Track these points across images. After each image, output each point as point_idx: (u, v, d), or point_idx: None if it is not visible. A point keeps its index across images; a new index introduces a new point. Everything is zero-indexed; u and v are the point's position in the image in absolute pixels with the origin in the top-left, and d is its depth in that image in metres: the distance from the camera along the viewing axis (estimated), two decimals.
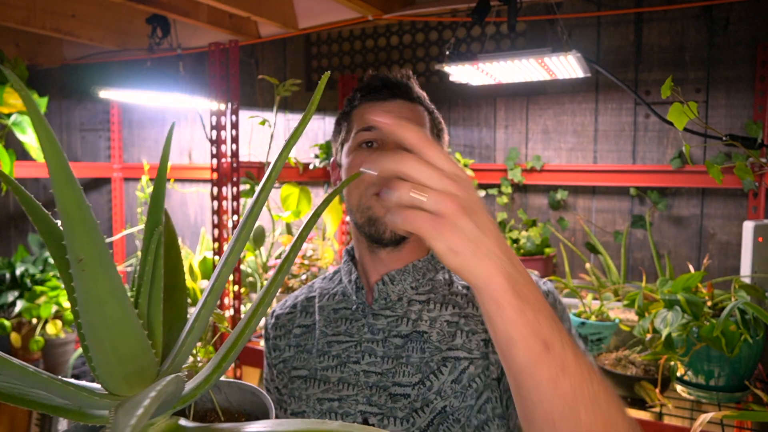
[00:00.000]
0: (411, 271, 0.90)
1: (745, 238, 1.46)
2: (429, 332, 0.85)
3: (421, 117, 0.91)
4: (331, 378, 0.87)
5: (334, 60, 2.51)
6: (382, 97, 0.91)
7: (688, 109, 1.16)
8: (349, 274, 0.95)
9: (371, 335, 0.87)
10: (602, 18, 1.97)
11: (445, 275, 0.92)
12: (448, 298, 0.89)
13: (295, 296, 1.03)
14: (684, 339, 1.30)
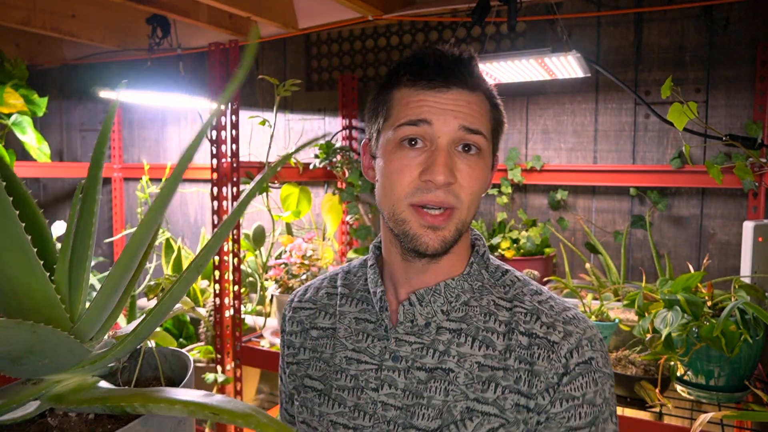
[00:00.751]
0: (442, 291, 0.78)
1: (745, 238, 1.46)
2: (456, 372, 0.74)
3: (481, 111, 0.75)
4: (347, 401, 0.79)
5: (334, 60, 2.51)
6: (435, 85, 0.73)
7: (688, 109, 1.16)
8: (374, 284, 0.83)
9: (393, 363, 0.77)
10: (602, 18, 1.97)
11: (488, 304, 0.78)
12: (483, 335, 0.76)
13: (316, 288, 0.92)
14: (684, 339, 1.30)
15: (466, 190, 0.73)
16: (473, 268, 0.80)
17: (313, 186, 2.56)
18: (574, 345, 0.73)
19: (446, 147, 0.72)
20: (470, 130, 0.73)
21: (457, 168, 0.73)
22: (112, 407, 0.40)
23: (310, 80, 2.59)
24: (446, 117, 0.72)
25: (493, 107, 0.78)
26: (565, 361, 0.72)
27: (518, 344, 0.74)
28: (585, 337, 0.74)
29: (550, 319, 0.76)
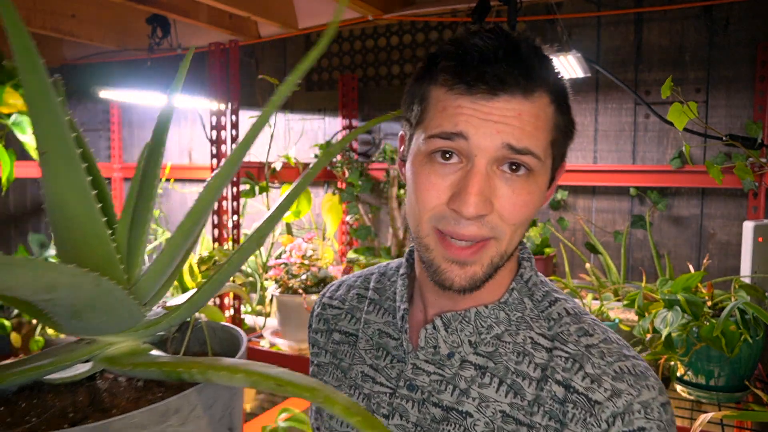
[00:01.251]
0: (472, 319, 0.66)
1: (745, 238, 1.46)
2: (475, 417, 0.62)
3: (538, 123, 0.59)
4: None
5: (334, 60, 2.51)
6: (476, 91, 0.58)
7: (688, 109, 1.16)
8: (400, 299, 0.72)
9: (407, 392, 0.67)
10: (602, 18, 1.97)
11: (525, 342, 0.65)
12: (512, 379, 0.63)
13: (349, 286, 0.83)
14: (684, 339, 1.30)
15: (509, 221, 0.60)
16: (513, 295, 0.67)
17: (313, 186, 2.56)
18: (621, 410, 0.58)
19: (484, 168, 0.59)
20: (516, 149, 0.58)
21: (497, 194, 0.59)
22: (168, 373, 0.38)
23: (310, 80, 2.59)
24: (488, 130, 0.58)
25: (559, 112, 0.62)
26: (606, 426, 0.58)
27: (550, 396, 0.61)
28: (639, 400, 0.58)
29: (597, 370, 0.60)
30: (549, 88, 0.61)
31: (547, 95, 0.60)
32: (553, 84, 0.61)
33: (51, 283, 0.34)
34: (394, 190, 2.16)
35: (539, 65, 0.60)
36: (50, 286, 0.34)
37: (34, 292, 0.34)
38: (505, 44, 0.59)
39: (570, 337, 0.64)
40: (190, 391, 0.39)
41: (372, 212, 2.37)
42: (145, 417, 0.36)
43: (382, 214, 2.40)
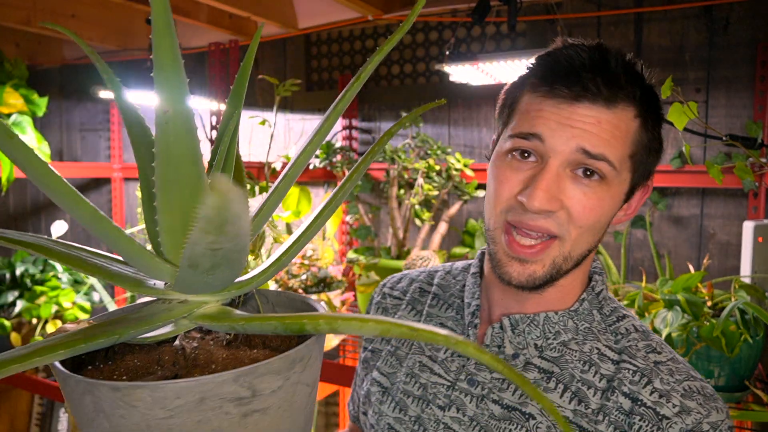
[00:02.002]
0: (541, 323, 0.67)
1: (745, 238, 1.46)
2: (538, 420, 0.64)
3: (617, 133, 0.61)
4: (409, 409, 0.72)
5: (334, 60, 2.51)
6: (559, 94, 0.61)
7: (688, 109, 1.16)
8: (470, 295, 0.74)
9: (467, 386, 0.68)
10: (602, 18, 1.97)
11: (591, 351, 0.66)
12: (577, 386, 0.64)
13: (411, 279, 0.85)
14: (684, 339, 1.30)
15: (576, 222, 0.62)
16: (583, 305, 0.68)
17: (313, 186, 2.56)
18: (689, 427, 0.59)
19: (556, 168, 0.61)
20: (590, 154, 0.60)
21: (567, 194, 0.61)
22: (289, 325, 0.40)
23: (310, 80, 2.59)
24: (564, 134, 0.61)
25: (645, 128, 0.64)
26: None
27: (617, 407, 0.62)
28: (708, 420, 0.59)
29: (666, 386, 0.62)
30: (636, 103, 0.62)
31: (633, 108, 0.62)
32: (641, 99, 0.63)
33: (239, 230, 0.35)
34: (394, 190, 2.16)
35: (627, 78, 0.62)
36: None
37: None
38: (595, 55, 0.62)
39: (638, 353, 0.65)
40: (311, 341, 0.42)
41: (372, 212, 2.37)
42: (281, 363, 0.39)
43: (382, 214, 2.40)
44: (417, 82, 2.34)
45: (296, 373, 0.41)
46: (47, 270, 2.47)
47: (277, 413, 0.40)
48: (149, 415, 0.37)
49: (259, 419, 0.39)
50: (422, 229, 2.12)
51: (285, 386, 0.40)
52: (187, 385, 0.36)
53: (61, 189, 0.37)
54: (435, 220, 2.14)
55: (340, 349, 1.96)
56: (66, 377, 0.38)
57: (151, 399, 0.36)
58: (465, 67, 1.58)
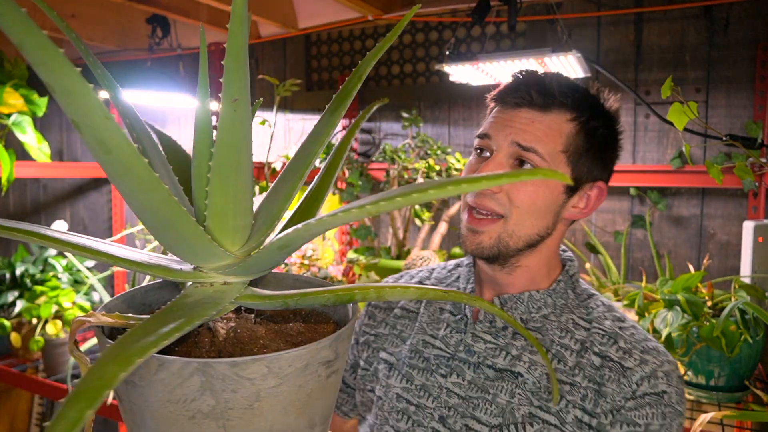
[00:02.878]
0: (526, 300, 0.82)
1: (745, 238, 1.46)
2: (525, 377, 0.78)
3: (549, 132, 0.77)
4: (415, 380, 0.84)
5: (334, 60, 2.51)
6: (507, 104, 0.80)
7: (688, 109, 1.16)
8: (465, 281, 0.89)
9: (465, 356, 0.82)
10: (602, 18, 1.97)
11: (567, 322, 0.81)
12: (556, 349, 0.79)
13: (411, 276, 0.99)
14: (684, 339, 1.30)
15: (513, 202, 0.77)
16: (559, 285, 0.83)
17: None
18: (648, 374, 0.74)
19: (499, 159, 0.78)
20: (523, 146, 0.77)
21: None
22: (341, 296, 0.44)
23: (310, 80, 2.59)
24: (504, 132, 0.78)
25: (581, 131, 0.78)
26: (635, 387, 0.74)
27: (589, 363, 0.77)
28: (662, 369, 0.75)
29: (628, 345, 0.77)
30: (569, 110, 0.78)
31: (566, 114, 0.78)
32: (576, 109, 0.79)
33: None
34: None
35: (560, 92, 0.78)
36: None
37: None
38: (534, 75, 0.81)
39: (606, 321, 0.81)
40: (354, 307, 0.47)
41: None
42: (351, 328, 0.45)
43: (382, 214, 2.40)
44: (417, 82, 2.34)
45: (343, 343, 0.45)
46: (47, 270, 2.47)
47: (339, 374, 0.45)
48: (262, 385, 0.39)
49: (335, 379, 0.44)
50: (422, 229, 2.12)
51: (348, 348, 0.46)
52: (298, 353, 0.40)
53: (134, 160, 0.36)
54: (435, 220, 2.14)
55: None
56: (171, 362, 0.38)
57: (267, 370, 0.39)
58: (465, 67, 1.58)
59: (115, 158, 0.35)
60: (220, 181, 0.41)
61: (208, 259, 0.45)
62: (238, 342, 0.45)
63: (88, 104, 0.33)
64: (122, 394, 0.42)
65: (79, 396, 0.29)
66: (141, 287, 0.53)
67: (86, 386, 0.30)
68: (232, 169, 0.42)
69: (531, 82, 0.79)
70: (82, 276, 2.42)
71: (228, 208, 0.43)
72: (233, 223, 0.44)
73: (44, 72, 0.31)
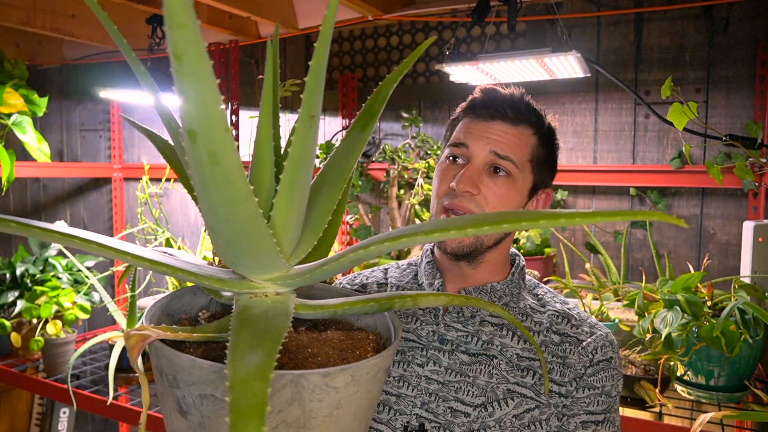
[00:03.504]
0: (489, 291, 0.91)
1: (745, 238, 1.46)
2: (499, 359, 0.86)
3: (519, 143, 0.88)
4: (393, 371, 0.89)
5: (334, 60, 2.51)
6: (480, 116, 0.90)
7: (688, 109, 1.16)
8: (431, 277, 0.95)
9: (439, 344, 0.88)
10: (602, 18, 1.97)
11: (525, 307, 0.92)
12: (520, 332, 0.89)
13: (366, 276, 1.03)
14: (684, 339, 1.30)
15: (490, 204, 0.86)
16: (514, 276, 0.94)
17: None
18: (599, 344, 0.88)
19: (477, 165, 0.86)
20: (499, 155, 0.86)
21: (484, 183, 0.86)
22: (383, 305, 0.48)
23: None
24: (481, 142, 0.87)
25: (541, 144, 0.90)
26: (591, 356, 0.87)
27: (551, 341, 0.88)
28: (607, 339, 0.89)
29: (578, 322, 0.90)
30: (533, 125, 0.90)
31: (531, 129, 0.90)
32: (537, 125, 0.91)
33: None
34: (394, 190, 2.16)
35: (525, 109, 0.90)
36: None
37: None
38: (505, 94, 0.91)
39: (556, 304, 0.93)
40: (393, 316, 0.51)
41: (372, 212, 2.37)
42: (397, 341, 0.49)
43: (382, 214, 2.40)
44: (417, 82, 2.34)
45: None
46: (47, 270, 2.47)
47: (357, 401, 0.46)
48: (344, 392, 0.41)
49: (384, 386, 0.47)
50: None
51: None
52: (375, 361, 0.43)
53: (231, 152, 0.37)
54: None
55: None
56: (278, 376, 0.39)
57: (351, 378, 0.41)
58: (465, 67, 1.58)
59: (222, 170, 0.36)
60: (288, 194, 0.43)
61: (268, 270, 0.45)
62: (287, 351, 0.46)
63: (214, 116, 0.34)
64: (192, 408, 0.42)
65: (247, 415, 0.30)
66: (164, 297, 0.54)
67: (248, 405, 0.31)
68: (301, 183, 0.43)
69: (502, 98, 0.90)
70: (82, 276, 2.42)
71: (291, 221, 0.45)
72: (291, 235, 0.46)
73: (185, 80, 0.32)
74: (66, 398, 1.85)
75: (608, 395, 0.86)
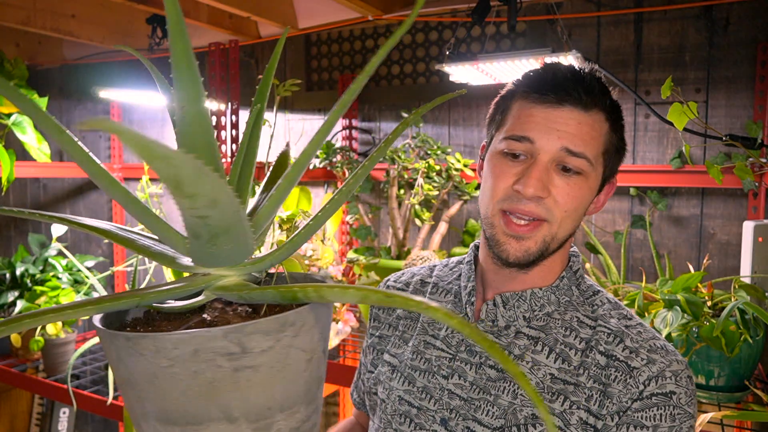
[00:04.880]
0: (528, 298, 0.79)
1: (745, 238, 1.46)
2: (528, 377, 0.72)
3: (593, 133, 0.74)
4: (417, 381, 0.82)
5: (334, 60, 2.51)
6: (546, 100, 0.74)
7: (688, 109, 1.16)
8: (467, 279, 0.86)
9: (467, 356, 0.79)
10: (602, 18, 1.97)
11: (571, 320, 0.78)
12: (561, 348, 0.76)
13: (412, 273, 0.96)
14: (684, 339, 1.30)
15: (561, 207, 0.74)
16: (563, 282, 0.80)
17: (313, 186, 2.56)
18: (655, 374, 0.71)
19: (545, 163, 0.73)
20: (573, 153, 0.73)
21: (554, 184, 0.74)
22: (284, 294, 0.45)
23: (310, 80, 2.59)
24: (550, 136, 0.73)
25: (614, 129, 0.77)
26: (642, 387, 0.70)
27: (594, 363, 0.74)
28: (670, 369, 0.71)
29: (635, 344, 0.74)
30: (605, 109, 0.75)
31: (603, 113, 0.75)
32: (609, 107, 0.76)
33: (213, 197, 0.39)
34: (394, 190, 2.16)
35: (599, 89, 0.75)
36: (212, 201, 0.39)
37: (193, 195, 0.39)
38: (571, 70, 0.75)
39: (612, 319, 0.77)
40: (304, 308, 0.46)
41: (372, 212, 2.37)
42: (269, 325, 0.44)
43: (382, 214, 2.40)
44: (417, 82, 2.34)
45: (288, 337, 0.45)
46: (47, 270, 2.47)
47: (270, 372, 0.44)
48: (154, 363, 0.42)
49: (251, 376, 0.44)
50: (422, 229, 2.12)
51: (276, 347, 0.44)
52: (181, 336, 0.41)
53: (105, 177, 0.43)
54: (435, 220, 2.14)
55: (340, 350, 1.96)
56: (97, 328, 0.44)
57: (154, 348, 0.41)
58: (465, 67, 1.58)
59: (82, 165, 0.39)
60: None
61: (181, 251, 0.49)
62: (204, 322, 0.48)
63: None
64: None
65: None
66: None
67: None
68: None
69: (573, 77, 0.74)
70: (82, 276, 2.42)
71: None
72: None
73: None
74: (66, 398, 1.85)
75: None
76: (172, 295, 0.48)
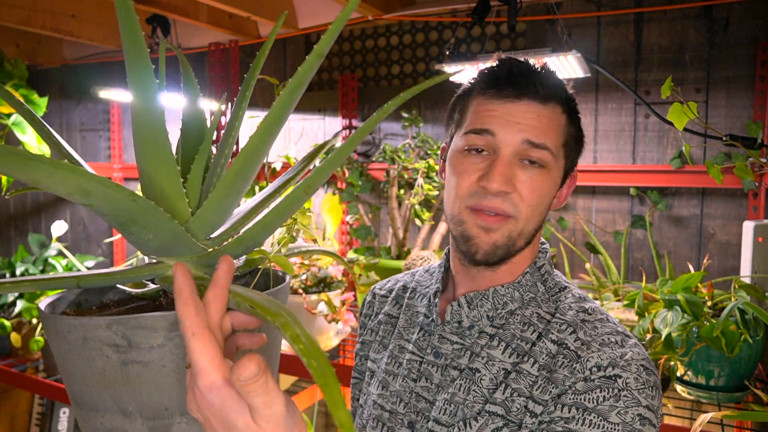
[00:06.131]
0: (491, 296, 0.77)
1: (745, 238, 1.46)
2: (482, 374, 0.74)
3: (552, 125, 0.74)
4: (390, 386, 0.82)
5: (334, 60, 2.51)
6: (504, 94, 0.73)
7: (688, 109, 1.16)
8: (436, 281, 0.86)
9: (433, 359, 0.79)
10: (602, 18, 1.97)
11: (531, 315, 0.76)
12: (517, 343, 0.74)
13: (396, 280, 0.97)
14: (684, 339, 1.30)
15: (526, 201, 0.73)
16: (525, 278, 0.78)
17: None
18: (604, 363, 0.68)
19: (507, 157, 0.72)
20: (534, 144, 0.72)
21: (518, 178, 0.73)
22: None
23: (310, 80, 2.58)
24: (511, 129, 0.72)
25: (571, 121, 0.77)
26: (588, 373, 0.68)
27: (544, 350, 0.72)
28: (623, 358, 0.68)
29: (587, 336, 0.72)
30: (561, 101, 0.76)
31: (559, 106, 0.75)
32: (565, 99, 0.76)
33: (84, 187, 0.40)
34: (394, 190, 2.16)
35: (554, 83, 0.76)
36: (84, 191, 0.40)
37: (69, 193, 0.41)
38: (526, 64, 0.76)
39: (569, 311, 0.76)
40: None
41: (372, 212, 2.37)
42: (156, 322, 0.44)
43: (382, 214, 2.40)
44: (417, 82, 2.34)
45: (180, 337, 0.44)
46: (47, 270, 2.47)
47: (162, 372, 0.44)
48: (60, 346, 0.44)
49: (141, 372, 0.44)
50: (422, 229, 2.12)
51: (168, 347, 0.44)
52: (71, 322, 0.43)
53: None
54: (435, 220, 2.14)
55: (340, 349, 1.96)
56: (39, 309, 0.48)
57: (55, 329, 0.43)
58: (465, 67, 1.58)
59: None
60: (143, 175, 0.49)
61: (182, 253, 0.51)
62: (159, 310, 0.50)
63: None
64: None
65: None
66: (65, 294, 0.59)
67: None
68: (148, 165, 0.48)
69: (528, 71, 0.75)
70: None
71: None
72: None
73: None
74: (66, 398, 1.85)
75: (604, 418, 0.64)
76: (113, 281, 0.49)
